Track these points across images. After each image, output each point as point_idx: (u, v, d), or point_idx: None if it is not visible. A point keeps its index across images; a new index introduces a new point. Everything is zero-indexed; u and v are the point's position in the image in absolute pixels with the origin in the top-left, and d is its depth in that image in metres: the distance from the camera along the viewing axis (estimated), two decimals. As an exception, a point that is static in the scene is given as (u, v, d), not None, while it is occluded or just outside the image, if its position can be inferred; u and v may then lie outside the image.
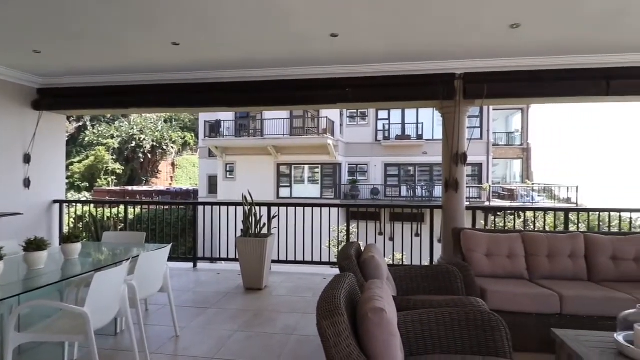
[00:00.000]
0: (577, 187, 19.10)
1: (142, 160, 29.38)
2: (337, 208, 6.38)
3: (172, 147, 30.82)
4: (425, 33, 4.04)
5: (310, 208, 5.91)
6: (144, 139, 28.78)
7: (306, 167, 20.31)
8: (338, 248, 7.16)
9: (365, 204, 15.10)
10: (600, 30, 3.94)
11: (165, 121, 31.58)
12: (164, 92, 5.63)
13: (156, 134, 29.48)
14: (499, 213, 9.38)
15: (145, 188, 26.30)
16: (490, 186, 19.71)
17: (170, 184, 31.38)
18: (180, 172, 33.24)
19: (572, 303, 3.23)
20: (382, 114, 21.95)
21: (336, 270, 4.94)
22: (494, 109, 21.15)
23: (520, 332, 3.13)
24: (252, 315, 4.08)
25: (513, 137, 25.44)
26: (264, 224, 5.17)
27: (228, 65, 5.18)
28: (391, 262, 6.65)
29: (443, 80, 4.96)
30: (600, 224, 7.51)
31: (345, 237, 6.21)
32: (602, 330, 2.49)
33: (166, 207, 8.77)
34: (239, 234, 5.20)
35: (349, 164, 21.75)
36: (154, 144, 29.36)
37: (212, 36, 4.16)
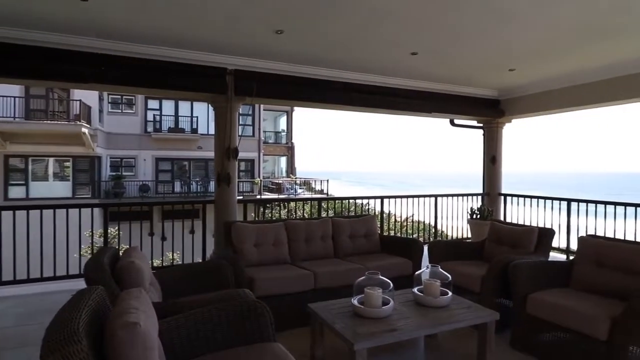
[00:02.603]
0: (327, 180, 23.19)
1: None
2: (91, 208, 5.36)
3: None
4: (190, 18, 3.83)
5: (52, 210, 4.69)
6: None
7: (51, 160, 16.41)
8: (95, 255, 6.05)
9: (131, 203, 13.44)
10: (343, 50, 4.73)
11: None
12: None
13: None
14: (268, 205, 10.18)
15: None
16: (261, 180, 21.30)
17: None
18: None
19: (323, 278, 3.78)
20: (153, 104, 20.16)
21: (90, 283, 4.12)
22: (264, 109, 22.89)
23: (285, 313, 3.42)
24: (-52, 365, 2.89)
25: (280, 136, 28.36)
26: (-26, 236, 3.78)
27: None
28: (162, 264, 6.17)
29: (214, 74, 4.89)
30: (343, 209, 9.28)
31: (104, 243, 5.28)
32: (346, 297, 2.97)
33: None
34: None
35: (111, 158, 18.95)
36: None
37: None
